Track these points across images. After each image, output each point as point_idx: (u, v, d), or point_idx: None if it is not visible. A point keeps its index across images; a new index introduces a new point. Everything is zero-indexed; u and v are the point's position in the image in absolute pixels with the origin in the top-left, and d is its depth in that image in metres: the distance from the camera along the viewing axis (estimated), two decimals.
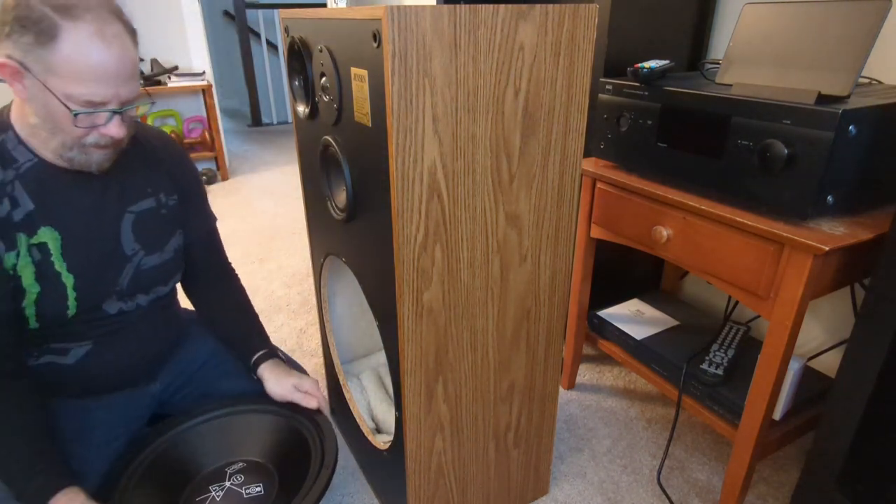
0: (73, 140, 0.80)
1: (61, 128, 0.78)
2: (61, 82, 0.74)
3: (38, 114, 0.78)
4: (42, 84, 0.74)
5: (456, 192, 0.76)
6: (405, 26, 0.64)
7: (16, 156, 0.81)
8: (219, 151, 3.30)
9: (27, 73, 0.74)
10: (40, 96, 0.75)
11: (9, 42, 0.73)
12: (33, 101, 0.77)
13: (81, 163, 0.83)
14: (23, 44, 0.72)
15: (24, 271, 0.82)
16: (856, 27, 0.83)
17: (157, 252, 0.96)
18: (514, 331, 0.92)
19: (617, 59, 1.24)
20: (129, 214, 0.92)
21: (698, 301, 1.61)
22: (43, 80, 0.74)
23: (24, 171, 0.82)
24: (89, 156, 0.83)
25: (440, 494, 1.00)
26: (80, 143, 0.81)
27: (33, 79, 0.74)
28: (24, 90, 0.76)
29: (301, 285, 2.09)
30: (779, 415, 1.06)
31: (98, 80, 0.75)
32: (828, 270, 0.87)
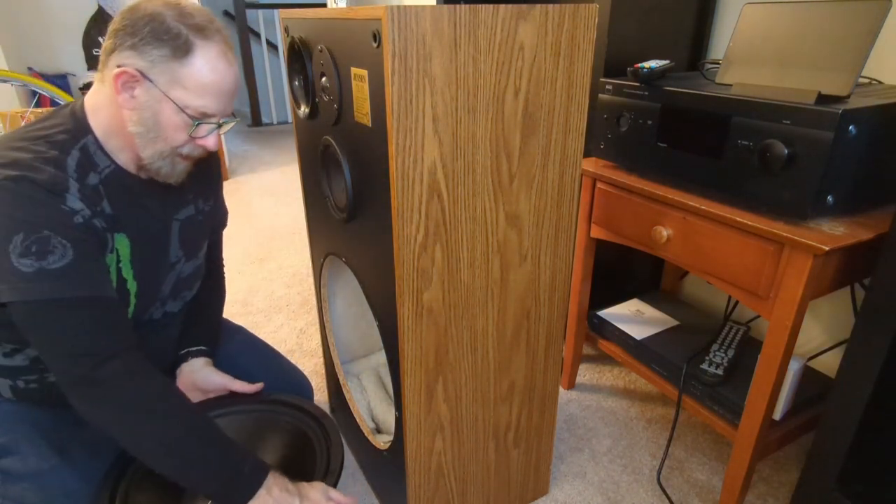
0: (171, 149, 0.84)
1: (165, 136, 0.82)
2: (184, 93, 0.79)
3: (145, 122, 0.81)
4: (163, 94, 0.79)
5: (456, 192, 0.76)
6: (405, 26, 0.64)
7: (97, 160, 0.83)
8: (219, 151, 3.30)
9: (146, 83, 0.78)
10: (155, 105, 0.80)
11: (133, 53, 0.77)
12: (143, 109, 0.80)
13: (166, 173, 0.86)
14: (154, 56, 0.77)
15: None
16: (856, 27, 0.83)
17: (194, 259, 1.00)
18: (514, 331, 0.92)
19: (617, 59, 1.24)
20: (176, 222, 0.96)
21: (698, 301, 1.61)
22: (165, 90, 0.79)
23: (105, 175, 0.83)
24: (175, 166, 0.87)
25: (440, 494, 1.00)
26: (175, 153, 0.85)
27: (154, 89, 0.79)
28: (132, 99, 0.79)
29: (301, 285, 2.09)
30: (779, 415, 1.06)
31: (217, 95, 0.82)
32: (828, 270, 0.87)
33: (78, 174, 0.79)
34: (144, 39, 0.77)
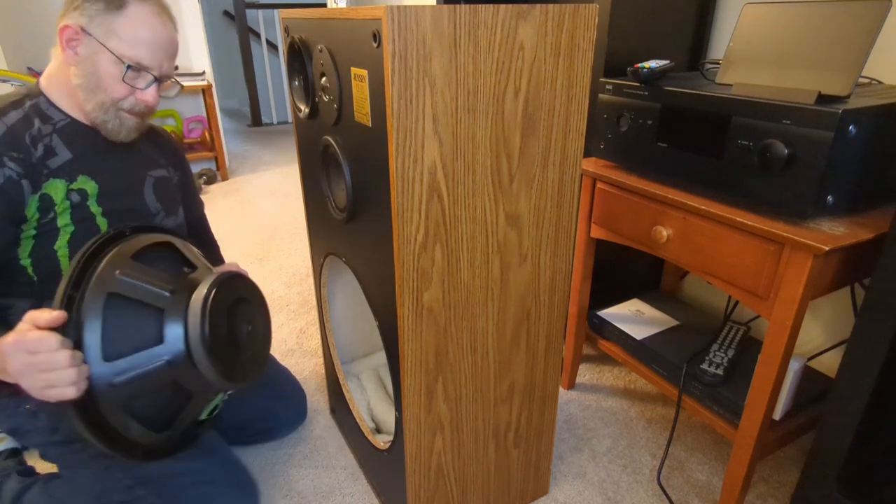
0: (112, 101, 0.92)
1: (105, 86, 0.90)
2: (119, 43, 0.88)
3: (86, 74, 0.89)
4: (101, 44, 0.88)
5: (456, 192, 0.76)
6: (405, 26, 0.64)
7: (50, 114, 0.92)
8: (219, 151, 3.30)
9: (86, 37, 0.88)
10: (93, 57, 0.88)
11: (75, 13, 0.88)
12: (84, 62, 0.89)
13: (113, 128, 0.94)
14: (91, 11, 0.87)
15: (62, 213, 0.91)
16: (856, 27, 0.83)
17: (174, 215, 1.10)
18: (514, 331, 0.92)
19: (617, 59, 1.24)
20: (150, 178, 1.06)
21: (698, 301, 1.61)
22: (103, 40, 0.88)
23: (59, 126, 0.93)
24: (122, 121, 0.95)
25: (440, 494, 1.00)
26: (116, 106, 0.92)
27: (92, 41, 0.88)
28: (74, 55, 0.89)
29: (301, 285, 2.09)
30: (779, 415, 1.06)
31: (150, 47, 0.90)
32: (828, 270, 0.87)
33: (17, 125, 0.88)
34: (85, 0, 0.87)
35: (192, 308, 0.81)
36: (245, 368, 0.88)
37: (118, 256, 0.81)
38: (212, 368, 0.81)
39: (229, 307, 0.85)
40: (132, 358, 0.78)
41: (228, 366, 0.84)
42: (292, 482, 1.22)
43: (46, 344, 0.71)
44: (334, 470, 1.24)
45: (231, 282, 0.86)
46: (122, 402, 0.79)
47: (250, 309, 0.92)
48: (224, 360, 0.83)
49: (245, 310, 0.90)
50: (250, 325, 0.90)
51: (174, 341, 0.80)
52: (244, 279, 0.91)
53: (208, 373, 0.81)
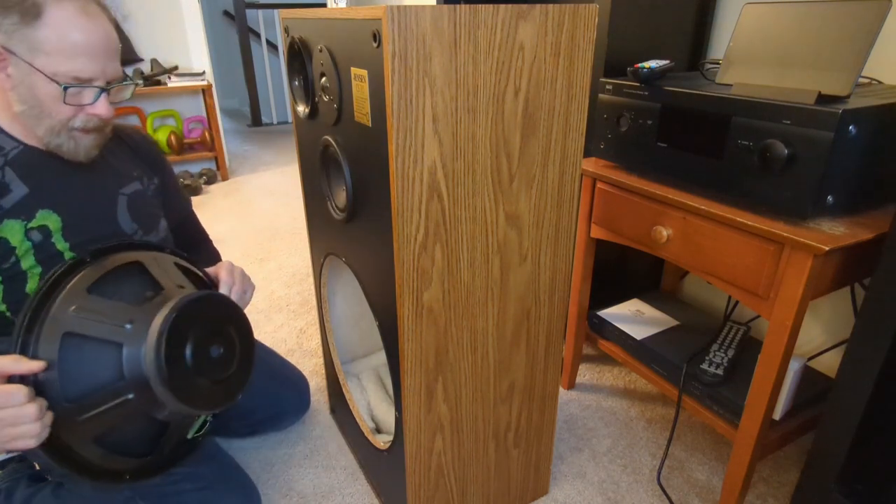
0: (61, 123, 0.81)
1: (48, 111, 0.79)
2: (48, 60, 0.75)
3: (24, 99, 0.78)
4: (28, 65, 0.75)
5: (456, 192, 0.76)
6: (405, 26, 0.64)
7: (1, 144, 0.82)
8: (219, 151, 3.30)
9: (12, 57, 0.76)
10: (26, 79, 0.77)
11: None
12: (19, 86, 0.78)
13: (70, 150, 0.84)
14: (7, 26, 0.74)
15: (24, 256, 0.83)
16: (856, 27, 0.83)
17: (154, 231, 1.00)
18: (514, 331, 0.92)
19: (617, 59, 1.24)
20: (123, 196, 0.95)
21: (698, 301, 1.61)
22: (29, 60, 0.75)
23: (11, 157, 0.82)
24: (77, 142, 0.84)
25: (440, 494, 1.00)
26: (67, 127, 0.82)
27: (19, 62, 0.75)
28: (7, 78, 0.77)
29: (301, 285, 2.09)
30: (779, 415, 1.06)
31: (85, 55, 0.77)
32: (828, 270, 0.87)
33: None
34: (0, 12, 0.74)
35: (149, 341, 0.76)
36: (221, 392, 0.83)
37: (73, 291, 0.77)
38: (176, 401, 0.76)
39: (198, 330, 0.80)
40: (94, 397, 0.75)
41: (197, 394, 0.79)
42: (292, 482, 1.22)
43: (15, 398, 0.66)
44: (334, 470, 1.24)
45: (196, 304, 0.79)
46: (94, 438, 0.78)
47: (224, 328, 0.85)
48: (190, 388, 0.78)
49: (217, 330, 0.83)
50: (223, 347, 0.83)
51: (134, 377, 0.76)
52: (214, 298, 0.84)
53: (174, 405, 0.77)
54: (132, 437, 0.83)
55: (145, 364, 0.76)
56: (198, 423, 0.93)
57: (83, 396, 0.75)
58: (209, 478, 1.00)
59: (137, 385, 0.76)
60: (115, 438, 0.81)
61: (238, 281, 0.99)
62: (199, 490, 0.98)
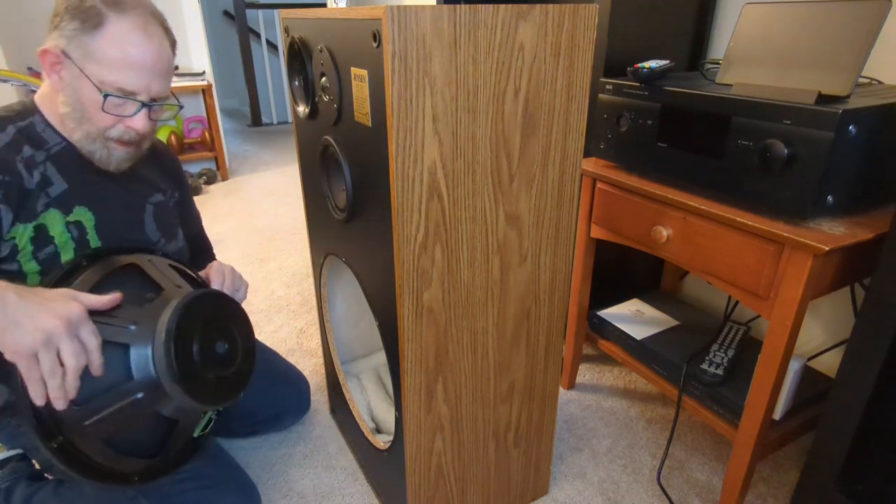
0: (98, 131, 0.84)
1: (89, 116, 0.82)
2: (98, 68, 0.79)
3: (70, 102, 0.82)
4: (79, 69, 0.79)
5: (456, 192, 0.76)
6: (405, 26, 0.64)
7: (45, 138, 0.85)
8: (219, 151, 3.30)
9: (67, 61, 0.80)
10: (75, 83, 0.80)
11: (56, 32, 0.79)
12: (67, 89, 0.81)
13: (102, 158, 0.87)
14: (68, 31, 0.78)
15: (65, 248, 0.86)
16: (856, 27, 0.83)
17: (174, 240, 1.05)
18: (514, 331, 0.92)
19: (617, 59, 1.24)
20: (150, 205, 1.00)
21: (698, 301, 1.61)
22: (81, 65, 0.79)
23: (54, 152, 0.86)
24: (110, 151, 0.87)
25: (440, 494, 1.00)
26: (104, 135, 0.85)
27: (72, 65, 0.80)
28: (59, 80, 0.81)
29: (301, 285, 2.09)
30: (779, 415, 1.06)
31: (133, 69, 0.81)
32: (828, 270, 0.87)
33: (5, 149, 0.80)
34: (63, 17, 0.79)
35: (157, 339, 0.76)
36: (227, 387, 0.85)
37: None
38: (187, 397, 0.77)
39: (202, 327, 0.81)
40: (103, 398, 0.75)
41: (206, 389, 0.80)
42: (292, 482, 1.22)
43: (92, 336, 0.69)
44: (334, 470, 1.24)
45: (199, 302, 0.81)
46: (103, 440, 0.78)
47: (225, 325, 0.86)
48: (199, 385, 0.79)
49: (220, 326, 0.85)
50: (226, 343, 0.85)
51: (143, 376, 0.76)
52: (215, 295, 0.85)
53: (184, 401, 0.78)
54: (141, 438, 0.84)
55: (154, 363, 0.76)
56: (203, 422, 0.94)
57: (91, 399, 0.75)
58: (211, 477, 1.01)
59: (146, 384, 0.77)
60: (124, 439, 0.81)
61: (228, 279, 1.00)
62: (200, 489, 0.98)
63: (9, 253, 0.81)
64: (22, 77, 2.46)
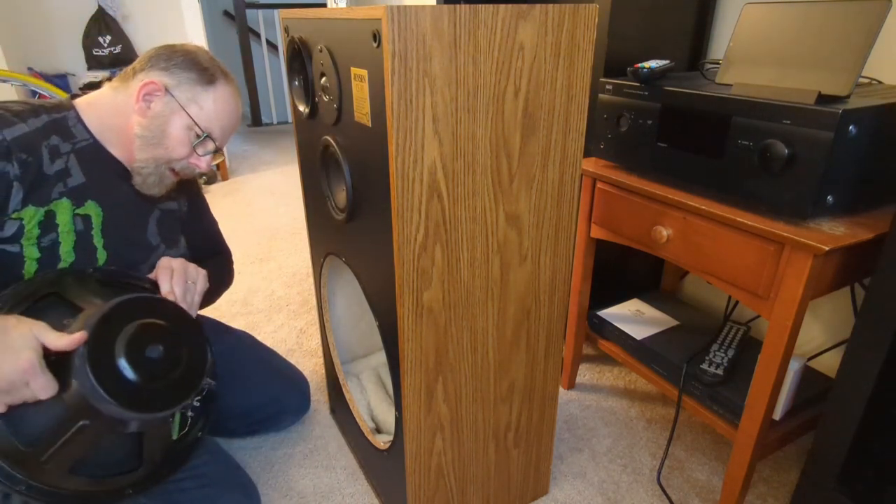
0: (168, 159, 0.95)
1: (166, 145, 0.93)
2: (199, 113, 0.94)
3: (152, 128, 0.92)
4: (181, 107, 0.92)
5: (456, 192, 0.76)
6: (405, 26, 0.64)
7: (74, 132, 0.92)
8: None
9: (167, 96, 0.92)
10: (168, 117, 0.92)
11: (163, 72, 0.92)
12: (156, 118, 0.92)
13: (152, 183, 0.96)
14: (181, 77, 0.93)
15: (66, 238, 0.90)
16: (856, 27, 0.83)
17: (175, 248, 1.08)
18: (514, 331, 0.92)
19: (617, 59, 1.24)
20: (158, 211, 1.05)
21: (698, 301, 1.61)
22: (184, 105, 0.93)
23: (79, 147, 0.92)
24: (163, 179, 0.97)
25: (440, 494, 1.00)
26: (169, 164, 0.95)
27: (173, 102, 0.92)
28: (147, 108, 0.92)
29: (301, 285, 2.09)
30: (779, 415, 1.06)
31: (224, 124, 0.98)
32: (828, 270, 0.87)
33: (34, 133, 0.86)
34: (178, 65, 0.93)
35: (74, 366, 0.74)
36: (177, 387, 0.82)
37: None
38: (128, 412, 0.75)
39: (126, 338, 0.78)
40: (49, 434, 0.74)
41: (149, 397, 0.78)
42: (292, 482, 1.22)
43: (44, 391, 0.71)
44: (334, 470, 1.24)
45: (111, 316, 0.78)
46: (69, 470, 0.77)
47: (157, 327, 0.82)
48: (140, 395, 0.77)
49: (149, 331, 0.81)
50: (161, 344, 0.81)
51: (77, 404, 0.75)
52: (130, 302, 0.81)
53: (127, 416, 0.76)
54: (111, 457, 0.83)
55: (82, 389, 0.74)
56: (177, 423, 0.91)
57: (38, 438, 0.74)
58: (210, 476, 1.01)
59: (85, 410, 0.75)
60: (95, 462, 0.81)
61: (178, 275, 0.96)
62: (200, 488, 0.98)
63: (13, 233, 0.84)
64: (22, 77, 2.46)
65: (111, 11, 3.12)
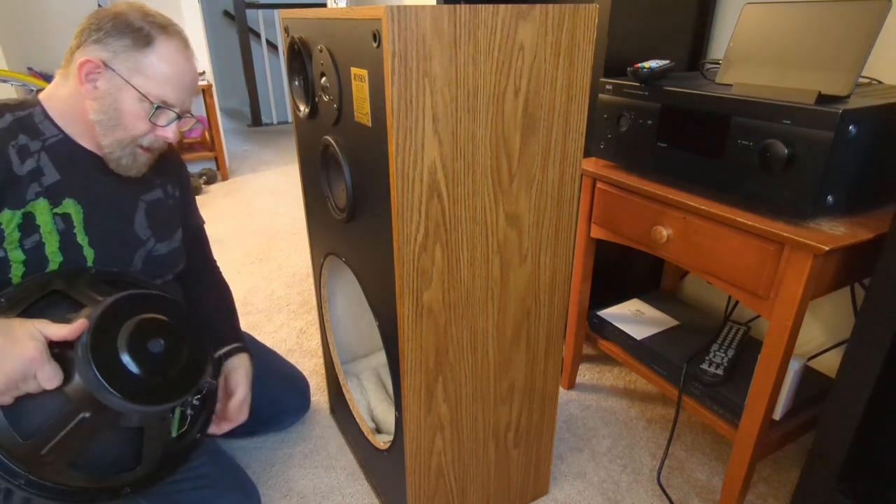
0: (131, 138, 0.89)
1: (125, 125, 0.87)
2: (145, 81, 0.86)
3: (105, 110, 0.86)
4: (125, 81, 0.85)
5: (456, 192, 0.76)
6: (405, 26, 0.64)
7: (42, 129, 0.88)
8: (219, 151, 3.30)
9: (108, 72, 0.84)
10: (115, 94, 0.85)
11: (97, 46, 0.84)
12: (103, 98, 0.85)
13: (127, 164, 0.91)
14: (116, 46, 0.84)
15: (49, 239, 0.87)
16: (856, 27, 0.83)
17: (167, 240, 1.03)
18: (514, 331, 0.92)
19: (617, 59, 1.24)
20: (143, 203, 1.00)
21: (698, 301, 1.61)
22: (127, 77, 0.85)
23: (49, 144, 0.88)
24: (136, 158, 0.92)
25: (440, 494, 1.00)
26: (135, 143, 0.90)
27: (115, 77, 0.85)
28: (94, 90, 0.85)
29: (301, 285, 2.09)
30: (779, 415, 1.06)
31: (176, 85, 0.88)
32: (828, 270, 0.87)
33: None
34: (108, 33, 0.84)
35: (77, 358, 0.75)
36: (179, 379, 0.83)
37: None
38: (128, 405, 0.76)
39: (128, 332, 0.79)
40: (50, 427, 0.75)
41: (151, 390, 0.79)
42: (292, 482, 1.22)
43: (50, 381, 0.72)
44: (334, 470, 1.24)
45: (117, 307, 0.79)
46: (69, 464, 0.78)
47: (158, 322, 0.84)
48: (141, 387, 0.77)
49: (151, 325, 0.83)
50: (162, 338, 0.82)
51: (78, 395, 0.76)
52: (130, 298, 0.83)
53: (129, 409, 0.77)
54: (110, 454, 0.83)
55: (84, 381, 0.75)
56: (176, 420, 0.91)
57: (39, 431, 0.75)
58: (210, 477, 1.01)
59: (86, 402, 0.76)
60: (94, 459, 0.81)
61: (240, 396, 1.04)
62: (199, 489, 0.98)
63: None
64: (22, 77, 2.46)
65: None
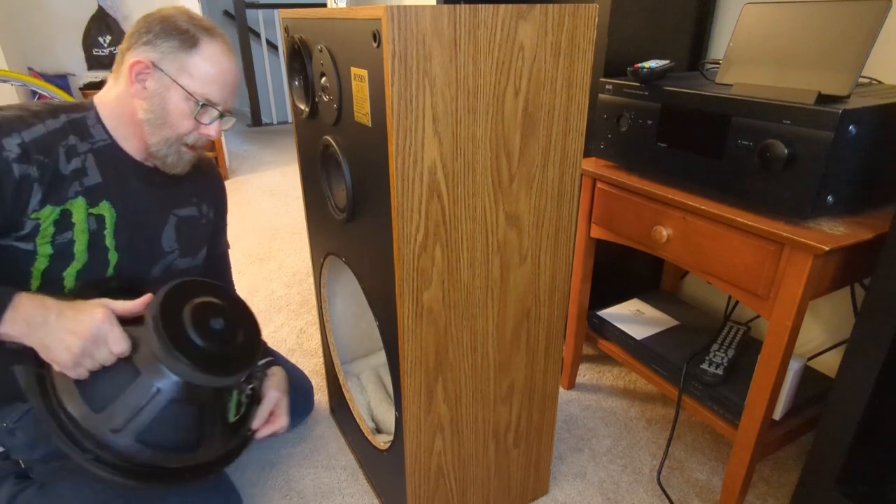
0: (177, 136, 0.93)
1: (171, 123, 0.92)
2: (191, 81, 0.90)
3: (153, 109, 0.91)
4: (172, 80, 0.89)
5: (456, 192, 0.76)
6: (405, 26, 0.64)
7: (93, 132, 0.92)
8: (219, 151, 3.30)
9: (157, 72, 0.89)
10: (163, 93, 0.90)
11: (146, 47, 0.89)
12: (152, 97, 0.90)
13: (172, 162, 0.96)
14: (164, 48, 0.89)
15: (80, 237, 0.91)
16: (856, 27, 0.83)
17: (191, 257, 1.08)
18: (514, 331, 0.92)
19: (617, 59, 1.24)
20: (174, 217, 1.04)
21: (698, 301, 1.61)
22: (174, 77, 0.89)
23: (98, 147, 0.92)
24: (181, 156, 0.96)
25: (440, 494, 1.00)
26: (180, 140, 0.94)
27: (164, 77, 0.89)
28: (144, 90, 0.90)
29: (301, 285, 2.09)
30: (779, 415, 1.06)
31: (220, 85, 0.93)
32: (828, 270, 0.87)
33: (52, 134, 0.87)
34: (157, 35, 0.89)
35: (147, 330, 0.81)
36: (239, 354, 0.88)
37: None
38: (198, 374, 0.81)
39: (190, 310, 0.86)
40: (121, 399, 0.79)
41: (215, 361, 0.84)
42: (292, 482, 1.22)
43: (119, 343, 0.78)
44: (334, 470, 1.24)
45: (178, 290, 0.86)
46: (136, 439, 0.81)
47: (215, 304, 0.91)
48: (205, 357, 0.83)
49: (210, 307, 0.89)
50: (221, 318, 0.89)
51: (147, 366, 0.81)
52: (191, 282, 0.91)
53: (198, 380, 0.82)
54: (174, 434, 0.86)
55: (155, 352, 0.80)
56: (234, 404, 0.96)
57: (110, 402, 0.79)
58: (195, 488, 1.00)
59: (155, 373, 0.81)
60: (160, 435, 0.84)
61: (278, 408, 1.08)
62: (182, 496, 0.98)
63: (29, 232, 0.86)
64: (22, 77, 2.46)
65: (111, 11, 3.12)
